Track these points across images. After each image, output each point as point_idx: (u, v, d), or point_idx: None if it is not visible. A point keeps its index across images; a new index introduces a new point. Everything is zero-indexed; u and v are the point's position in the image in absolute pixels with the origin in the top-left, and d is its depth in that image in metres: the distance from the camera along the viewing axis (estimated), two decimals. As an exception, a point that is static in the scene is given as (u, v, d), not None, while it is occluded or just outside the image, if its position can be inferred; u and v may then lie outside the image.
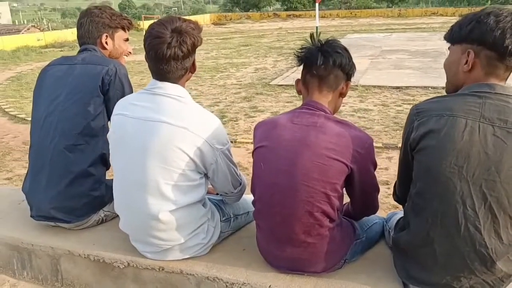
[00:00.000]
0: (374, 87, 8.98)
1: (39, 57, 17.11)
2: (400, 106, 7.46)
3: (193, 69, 1.87)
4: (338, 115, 7.25)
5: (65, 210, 2.18)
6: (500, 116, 1.45)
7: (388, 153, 5.24)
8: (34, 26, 25.29)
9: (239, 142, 5.94)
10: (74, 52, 2.37)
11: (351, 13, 36.45)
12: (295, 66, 1.86)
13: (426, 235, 1.57)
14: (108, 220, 2.35)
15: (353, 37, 19.34)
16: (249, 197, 2.03)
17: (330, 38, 1.83)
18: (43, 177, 2.17)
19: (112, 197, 2.03)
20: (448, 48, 1.68)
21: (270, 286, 1.80)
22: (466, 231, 1.48)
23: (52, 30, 24.97)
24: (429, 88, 8.53)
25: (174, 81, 1.82)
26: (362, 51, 14.47)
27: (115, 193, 1.98)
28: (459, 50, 1.59)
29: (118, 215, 2.03)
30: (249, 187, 1.94)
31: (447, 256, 1.54)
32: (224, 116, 7.32)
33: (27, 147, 2.32)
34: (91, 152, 2.18)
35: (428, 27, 22.75)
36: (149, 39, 1.74)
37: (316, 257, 1.77)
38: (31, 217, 2.28)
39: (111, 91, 2.18)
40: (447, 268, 1.55)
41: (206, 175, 1.90)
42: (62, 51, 18.05)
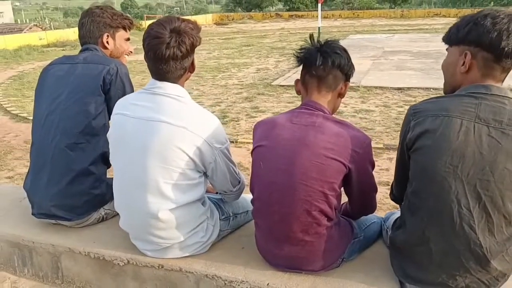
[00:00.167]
0: (376, 88, 8.96)
1: (41, 56, 17.11)
2: (402, 107, 7.44)
3: (192, 68, 1.88)
4: (340, 115, 7.23)
5: (66, 208, 2.19)
6: (495, 117, 1.47)
7: (389, 154, 5.23)
8: (36, 25, 25.28)
9: (240, 142, 5.93)
10: (76, 51, 2.39)
11: (353, 13, 36.37)
12: (297, 67, 1.88)
13: (421, 233, 1.58)
14: (108, 218, 2.37)
15: (355, 38, 19.30)
16: (249, 196, 2.03)
17: (329, 39, 1.84)
18: (44, 175, 2.19)
19: (112, 196, 2.04)
20: (446, 50, 1.69)
21: (268, 284, 1.81)
22: (461, 230, 1.50)
23: (54, 29, 24.96)
24: (431, 90, 8.50)
25: (174, 81, 1.83)
26: (364, 52, 14.45)
27: (115, 192, 1.99)
28: (457, 51, 1.61)
29: (118, 213, 2.05)
30: (248, 186, 1.95)
31: (442, 254, 1.55)
32: (225, 116, 7.32)
33: (29, 146, 2.33)
34: (92, 150, 2.19)
35: (430, 28, 22.68)
36: (148, 39, 1.75)
37: (314, 255, 1.78)
38: (32, 214, 2.30)
39: (112, 90, 2.20)
40: (442, 267, 1.56)
41: (205, 174, 1.91)
42: (64, 50, 18.05)
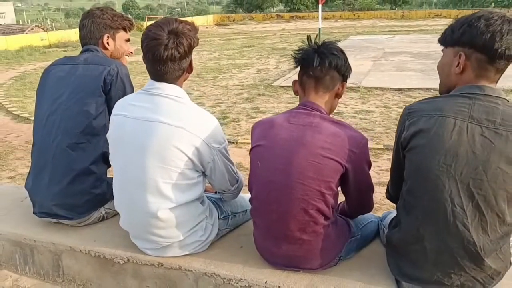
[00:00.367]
0: (376, 89, 8.99)
1: (42, 57, 17.15)
2: (402, 108, 7.42)
3: (190, 69, 1.90)
4: (340, 116, 7.24)
5: (67, 207, 2.22)
6: (489, 117, 1.49)
7: (389, 155, 5.22)
8: (38, 26, 25.33)
9: (240, 143, 5.95)
10: (78, 52, 2.41)
11: (354, 14, 36.39)
12: (296, 68, 1.90)
13: (416, 232, 1.60)
14: (109, 217, 2.39)
15: (356, 39, 19.33)
16: (247, 196, 2.05)
17: (327, 40, 1.86)
18: (45, 175, 2.21)
19: (113, 195, 2.06)
20: (442, 51, 1.71)
21: (266, 282, 1.83)
22: (455, 228, 1.51)
23: (55, 30, 25.01)
24: (431, 90, 8.51)
25: (172, 81, 1.84)
26: (364, 53, 14.47)
27: (115, 191, 2.01)
28: (451, 52, 1.63)
29: (118, 213, 2.07)
30: (246, 186, 1.97)
31: (437, 252, 1.57)
32: (226, 117, 7.34)
33: (30, 146, 2.35)
34: (92, 150, 2.21)
35: (431, 29, 22.70)
36: (146, 41, 1.77)
37: (312, 254, 1.80)
38: (33, 214, 2.32)
39: (112, 90, 2.22)
40: (437, 265, 1.58)
41: (204, 173, 1.93)
42: (65, 51, 18.09)
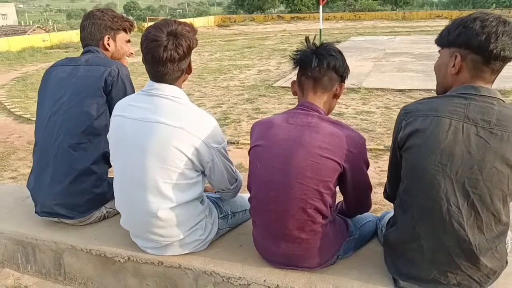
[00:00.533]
0: (377, 89, 8.98)
1: (44, 58, 17.20)
2: (402, 109, 7.46)
3: (189, 70, 1.92)
4: (341, 117, 7.24)
5: (68, 207, 2.24)
6: (484, 117, 1.50)
7: (389, 155, 5.26)
8: (39, 27, 25.45)
9: (241, 144, 5.95)
10: (79, 53, 2.43)
11: (355, 15, 36.40)
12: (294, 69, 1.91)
13: (413, 231, 1.62)
14: (109, 216, 2.41)
15: (357, 40, 19.34)
16: (247, 195, 2.06)
17: (325, 42, 1.88)
18: (47, 175, 2.23)
19: (113, 194, 2.08)
20: (439, 51, 1.73)
21: (264, 280, 1.85)
22: (450, 227, 1.53)
23: (57, 31, 25.08)
24: (432, 91, 8.47)
25: (171, 82, 1.86)
26: (365, 54, 14.48)
27: (116, 191, 2.03)
28: (448, 53, 1.65)
29: (119, 212, 2.09)
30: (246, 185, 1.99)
31: (433, 251, 1.59)
32: (227, 117, 7.36)
33: (32, 146, 2.37)
34: (94, 150, 2.23)
35: (432, 30, 22.66)
36: (145, 42, 1.79)
37: (310, 252, 1.82)
38: (35, 213, 2.34)
39: (113, 91, 2.24)
40: (434, 263, 1.60)
41: (203, 173, 1.94)
42: (67, 52, 18.15)
